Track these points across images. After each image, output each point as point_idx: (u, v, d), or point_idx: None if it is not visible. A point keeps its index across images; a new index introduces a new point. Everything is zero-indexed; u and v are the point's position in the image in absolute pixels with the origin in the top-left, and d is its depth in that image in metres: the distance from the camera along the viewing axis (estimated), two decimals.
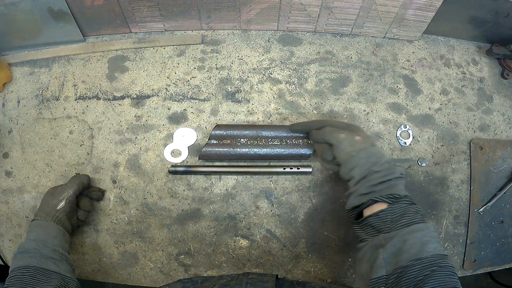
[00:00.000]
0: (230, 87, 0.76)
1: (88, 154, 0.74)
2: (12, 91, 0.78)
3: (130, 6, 0.72)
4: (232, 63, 0.78)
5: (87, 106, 0.76)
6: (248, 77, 0.77)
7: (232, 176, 0.73)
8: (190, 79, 0.77)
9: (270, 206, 0.72)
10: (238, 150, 0.70)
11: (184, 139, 0.74)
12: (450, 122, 0.77)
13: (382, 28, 0.77)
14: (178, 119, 0.75)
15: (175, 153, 0.73)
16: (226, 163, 0.73)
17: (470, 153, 0.75)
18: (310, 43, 0.79)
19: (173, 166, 0.71)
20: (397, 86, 0.78)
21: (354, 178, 0.56)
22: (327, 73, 0.78)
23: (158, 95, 0.76)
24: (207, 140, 0.71)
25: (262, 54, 0.78)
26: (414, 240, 0.47)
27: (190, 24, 0.78)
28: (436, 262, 0.45)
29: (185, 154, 0.73)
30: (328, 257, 0.71)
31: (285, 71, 0.77)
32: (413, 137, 0.75)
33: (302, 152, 0.69)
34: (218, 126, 0.71)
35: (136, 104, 0.76)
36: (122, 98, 0.76)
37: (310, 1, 0.71)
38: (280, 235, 0.71)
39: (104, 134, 0.74)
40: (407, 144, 0.75)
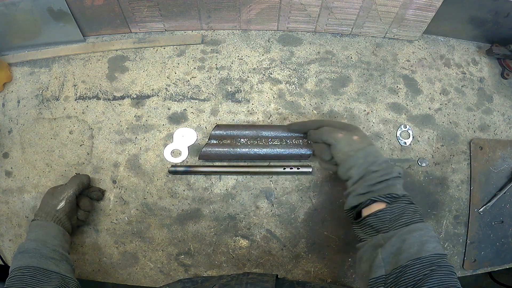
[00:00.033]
0: (230, 87, 0.76)
1: (88, 154, 0.74)
2: (12, 91, 0.78)
3: (130, 6, 0.72)
4: (232, 63, 0.78)
5: (87, 106, 0.76)
6: (248, 77, 0.77)
7: (232, 176, 0.73)
8: (190, 79, 0.77)
9: (270, 206, 0.72)
10: (238, 150, 0.70)
11: (184, 139, 0.74)
12: (450, 122, 0.77)
13: (382, 28, 0.77)
14: (178, 119, 0.75)
15: (175, 153, 0.73)
16: (226, 163, 0.73)
17: (470, 153, 0.75)
18: (310, 43, 0.79)
19: (173, 166, 0.71)
20: (397, 86, 0.78)
21: (352, 178, 0.56)
22: (327, 73, 0.78)
23: (158, 95, 0.76)
24: (207, 140, 0.71)
25: (262, 54, 0.78)
26: (413, 239, 0.47)
27: (190, 24, 0.78)
28: (435, 261, 0.45)
29: (185, 154, 0.73)
30: (328, 257, 0.71)
31: (285, 71, 0.77)
32: (413, 137, 0.75)
33: (302, 152, 0.70)
34: (218, 126, 0.71)
35: (136, 104, 0.76)
36: (122, 98, 0.76)
37: (310, 1, 0.71)
38: (280, 235, 0.71)
39: (104, 134, 0.74)
40: (407, 144, 0.75)
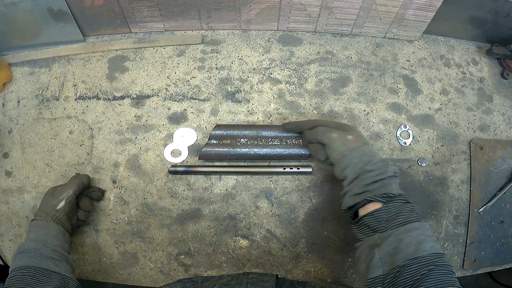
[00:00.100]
0: (230, 87, 0.76)
1: (88, 154, 0.74)
2: (12, 91, 0.78)
3: (130, 6, 0.72)
4: (232, 63, 0.78)
5: (87, 106, 0.76)
6: (248, 77, 0.77)
7: (232, 176, 0.73)
8: (190, 79, 0.77)
9: (270, 206, 0.72)
10: (238, 150, 0.70)
11: (184, 139, 0.74)
12: (450, 122, 0.77)
13: (382, 28, 0.77)
14: (178, 119, 0.75)
15: (175, 153, 0.73)
16: (226, 163, 0.73)
17: (470, 153, 0.75)
18: (310, 43, 0.79)
19: (173, 166, 0.71)
20: (397, 86, 0.78)
21: (348, 177, 0.56)
22: (327, 73, 0.78)
23: (158, 95, 0.76)
24: (207, 140, 0.71)
25: (262, 54, 0.78)
26: (410, 239, 0.47)
27: (190, 24, 0.78)
28: (433, 261, 0.45)
29: (185, 154, 0.73)
30: (328, 257, 0.71)
31: (285, 71, 0.77)
32: (413, 137, 0.75)
33: (302, 152, 0.69)
34: (218, 126, 0.71)
35: (136, 104, 0.76)
36: (122, 98, 0.76)
37: (310, 1, 0.71)
38: (280, 235, 0.71)
39: (104, 134, 0.74)
40: (407, 144, 0.75)
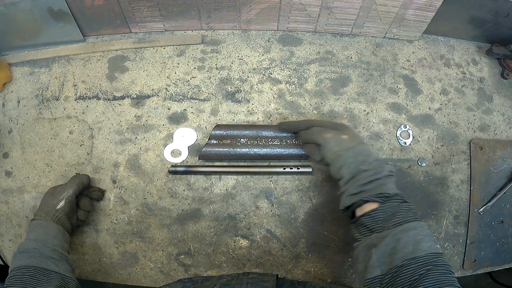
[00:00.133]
0: (230, 87, 0.76)
1: (88, 154, 0.74)
2: (12, 91, 0.78)
3: (130, 6, 0.72)
4: (232, 63, 0.78)
5: (87, 106, 0.76)
6: (248, 77, 0.77)
7: (232, 176, 0.73)
8: (190, 79, 0.77)
9: (270, 206, 0.72)
10: (238, 150, 0.70)
11: (184, 139, 0.74)
12: (450, 122, 0.77)
13: (382, 28, 0.77)
14: (178, 119, 0.75)
15: (175, 153, 0.73)
16: (226, 163, 0.73)
17: (470, 153, 0.75)
18: (310, 43, 0.79)
19: (173, 166, 0.71)
20: (397, 86, 0.78)
21: (344, 177, 0.56)
22: (327, 73, 0.78)
23: (158, 95, 0.76)
24: (207, 140, 0.71)
25: (262, 54, 0.78)
26: (407, 238, 0.47)
27: (190, 24, 0.78)
28: (431, 260, 0.44)
29: (185, 154, 0.73)
30: (328, 257, 0.71)
31: (285, 71, 0.77)
32: (413, 137, 0.75)
33: (302, 152, 0.69)
34: (218, 126, 0.71)
35: (136, 104, 0.76)
36: (122, 98, 0.76)
37: (310, 1, 0.71)
38: (280, 235, 0.71)
39: (104, 134, 0.74)
40: (407, 144, 0.75)
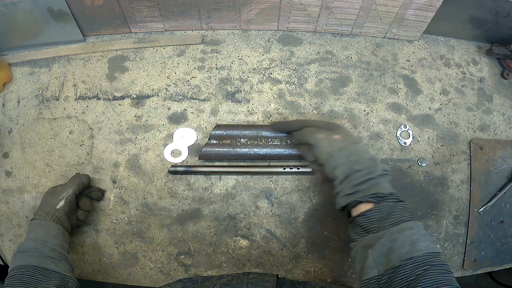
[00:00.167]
0: (230, 87, 0.76)
1: (88, 154, 0.74)
2: (12, 91, 0.78)
3: (130, 6, 0.72)
4: (232, 63, 0.78)
5: (87, 106, 0.76)
6: (248, 77, 0.77)
7: (232, 176, 0.73)
8: (190, 79, 0.77)
9: (270, 206, 0.72)
10: (238, 150, 0.70)
11: (184, 139, 0.74)
12: (450, 122, 0.77)
13: (382, 28, 0.77)
14: (178, 119, 0.75)
15: (175, 153, 0.73)
16: (226, 163, 0.73)
17: (470, 153, 0.75)
18: (310, 43, 0.79)
19: (173, 166, 0.71)
20: (397, 86, 0.78)
21: (338, 178, 0.55)
22: (327, 73, 0.78)
23: (158, 95, 0.76)
24: (207, 140, 0.71)
25: (262, 54, 0.78)
26: (403, 238, 0.46)
27: (190, 24, 0.78)
28: (428, 260, 0.44)
29: (185, 154, 0.73)
30: (328, 257, 0.71)
31: (285, 71, 0.77)
32: (413, 137, 0.75)
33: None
34: (218, 126, 0.71)
35: (136, 104, 0.76)
36: (122, 98, 0.76)
37: (310, 1, 0.71)
38: (280, 235, 0.71)
39: (104, 134, 0.74)
40: (407, 144, 0.75)
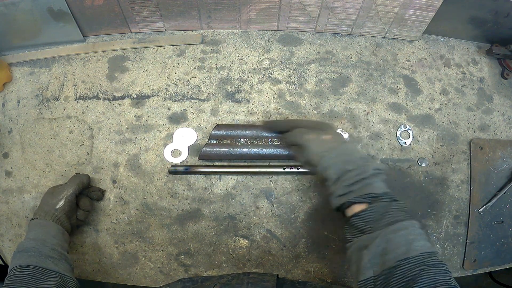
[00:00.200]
0: (230, 87, 0.76)
1: (88, 154, 0.74)
2: (12, 91, 0.78)
3: (130, 6, 0.72)
4: (232, 63, 0.78)
5: (87, 106, 0.76)
6: (248, 77, 0.77)
7: (232, 176, 0.73)
8: (190, 79, 0.77)
9: (270, 206, 0.72)
10: (238, 150, 0.70)
11: (184, 139, 0.74)
12: (450, 122, 0.77)
13: (382, 28, 0.77)
14: (178, 119, 0.75)
15: (175, 153, 0.73)
16: (226, 163, 0.73)
17: (470, 153, 0.75)
18: (310, 43, 0.79)
19: (173, 166, 0.71)
20: (397, 86, 0.78)
21: (330, 178, 0.55)
22: (327, 73, 0.78)
23: (158, 95, 0.76)
24: (207, 140, 0.71)
25: (262, 54, 0.78)
26: (398, 239, 0.46)
27: (190, 24, 0.78)
28: (424, 260, 0.43)
29: (185, 154, 0.73)
30: (328, 257, 0.71)
31: (285, 71, 0.77)
32: (413, 137, 0.75)
33: None
34: (218, 126, 0.71)
35: (136, 104, 0.76)
36: (122, 98, 0.76)
37: (310, 1, 0.71)
38: (280, 235, 0.71)
39: (104, 134, 0.74)
40: (407, 144, 0.75)
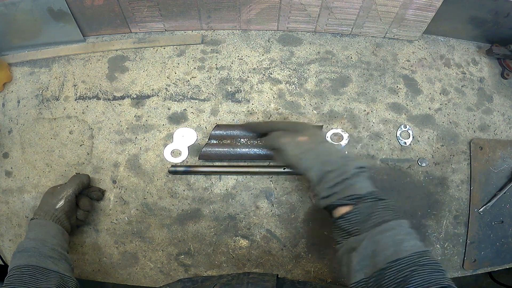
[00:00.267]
0: (230, 87, 0.76)
1: (88, 154, 0.74)
2: (12, 91, 0.78)
3: (130, 6, 0.72)
4: (232, 63, 0.78)
5: (87, 106, 0.76)
6: (248, 77, 0.77)
7: (232, 176, 0.73)
8: (190, 79, 0.77)
9: (270, 206, 0.72)
10: (238, 150, 0.69)
11: (184, 139, 0.74)
12: (450, 122, 0.77)
13: (382, 28, 0.77)
14: (178, 119, 0.75)
15: (175, 153, 0.73)
16: (226, 163, 0.73)
17: (470, 153, 0.75)
18: (310, 43, 0.79)
19: (173, 166, 0.71)
20: (397, 86, 0.78)
21: (312, 180, 0.54)
22: (327, 73, 0.78)
23: (158, 95, 0.76)
24: (207, 140, 0.71)
25: (262, 54, 0.78)
26: (385, 240, 0.45)
27: (190, 24, 0.78)
28: (415, 261, 0.42)
29: (185, 154, 0.73)
30: (328, 257, 0.71)
31: (285, 71, 0.77)
32: (413, 137, 0.75)
33: None
34: (218, 126, 0.71)
35: (136, 104, 0.76)
36: (122, 98, 0.76)
37: (310, 1, 0.71)
38: (280, 235, 0.71)
39: (104, 134, 0.74)
40: (407, 144, 0.75)
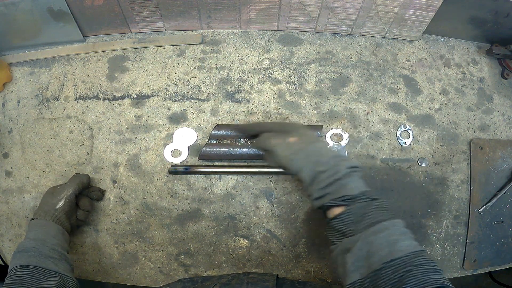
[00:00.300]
0: (230, 87, 0.76)
1: (88, 154, 0.74)
2: (12, 91, 0.78)
3: (130, 6, 0.72)
4: (232, 63, 0.78)
5: (87, 106, 0.76)
6: (248, 77, 0.77)
7: (232, 176, 0.73)
8: (190, 79, 0.77)
9: (270, 206, 0.72)
10: (238, 150, 0.70)
11: (184, 139, 0.74)
12: (450, 122, 0.77)
13: (382, 28, 0.77)
14: (178, 119, 0.75)
15: (175, 153, 0.73)
16: (226, 163, 0.73)
17: (470, 153, 0.75)
18: (310, 43, 0.79)
19: (173, 166, 0.71)
20: (397, 86, 0.78)
21: (304, 181, 0.53)
22: (327, 73, 0.78)
23: (158, 95, 0.76)
24: (207, 140, 0.71)
25: (262, 54, 0.78)
26: (379, 241, 0.44)
27: (190, 24, 0.78)
28: (410, 261, 0.42)
29: (185, 154, 0.73)
30: (328, 257, 0.71)
31: (285, 71, 0.77)
32: (413, 137, 0.75)
33: None
34: (218, 126, 0.71)
35: (136, 104, 0.76)
36: (122, 98, 0.76)
37: (310, 1, 0.71)
38: (280, 235, 0.71)
39: (104, 134, 0.74)
40: (407, 144, 0.75)
